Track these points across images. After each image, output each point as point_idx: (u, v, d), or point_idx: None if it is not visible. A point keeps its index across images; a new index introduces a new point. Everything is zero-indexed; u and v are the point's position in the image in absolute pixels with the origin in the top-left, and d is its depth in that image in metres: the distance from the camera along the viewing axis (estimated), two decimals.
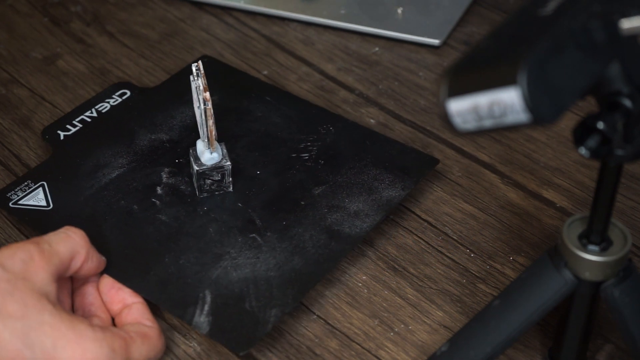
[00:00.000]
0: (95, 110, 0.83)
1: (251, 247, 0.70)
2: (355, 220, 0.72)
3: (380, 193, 0.74)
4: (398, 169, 0.76)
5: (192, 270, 0.69)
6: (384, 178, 0.75)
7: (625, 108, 0.49)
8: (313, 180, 0.76)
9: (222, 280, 0.68)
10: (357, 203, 0.73)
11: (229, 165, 0.73)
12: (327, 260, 0.69)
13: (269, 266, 0.69)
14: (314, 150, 0.78)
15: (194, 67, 0.72)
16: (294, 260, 0.69)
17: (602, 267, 0.57)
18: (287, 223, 0.72)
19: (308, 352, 0.67)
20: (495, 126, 0.47)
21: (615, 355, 0.67)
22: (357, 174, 0.76)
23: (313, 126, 0.80)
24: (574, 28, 0.47)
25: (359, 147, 0.78)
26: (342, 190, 0.75)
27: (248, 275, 0.68)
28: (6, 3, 1.00)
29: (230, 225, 0.72)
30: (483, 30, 0.96)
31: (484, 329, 0.60)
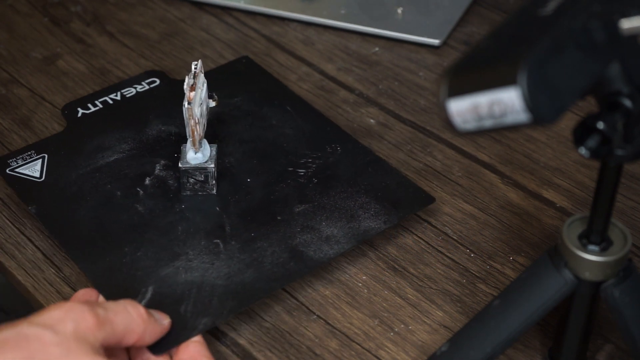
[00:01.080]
0: (121, 93, 0.84)
1: (210, 253, 0.70)
2: (323, 244, 0.70)
3: (360, 222, 0.72)
4: (388, 201, 0.74)
5: (144, 264, 0.69)
6: (370, 208, 0.73)
7: (625, 108, 0.49)
8: (299, 197, 0.74)
9: (169, 279, 0.68)
10: (333, 228, 0.71)
11: (213, 168, 0.73)
12: (279, 278, 0.68)
13: (219, 274, 0.68)
14: (312, 167, 0.76)
15: (193, 64, 0.72)
16: (246, 273, 0.68)
17: (602, 267, 0.57)
18: (256, 235, 0.71)
19: (308, 352, 0.67)
20: (495, 126, 0.47)
21: (615, 355, 0.67)
22: (344, 199, 0.74)
23: (321, 143, 0.79)
24: (574, 28, 0.47)
25: (358, 172, 0.76)
26: (323, 212, 0.73)
27: (196, 279, 0.68)
28: (6, 3, 1.00)
29: (200, 227, 0.72)
30: (483, 30, 0.96)
31: (484, 329, 0.60)
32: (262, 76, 0.87)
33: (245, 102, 0.83)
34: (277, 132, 0.80)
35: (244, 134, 0.80)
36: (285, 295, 0.71)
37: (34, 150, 0.78)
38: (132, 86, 0.85)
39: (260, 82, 0.86)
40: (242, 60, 0.88)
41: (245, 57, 0.89)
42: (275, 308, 0.70)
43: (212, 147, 0.74)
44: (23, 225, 0.76)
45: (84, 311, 0.56)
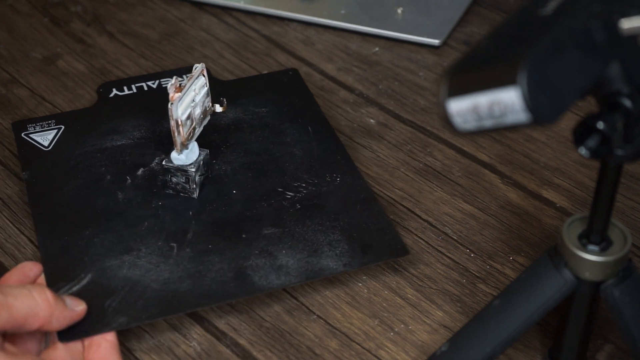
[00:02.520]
0: (159, 82, 0.84)
1: (161, 255, 0.70)
2: (272, 273, 0.68)
3: (320, 259, 0.69)
4: (359, 245, 0.70)
5: (95, 251, 0.70)
6: (338, 246, 0.70)
7: (625, 108, 0.49)
8: (273, 219, 0.72)
9: (110, 271, 0.68)
10: (290, 259, 0.69)
11: (193, 172, 0.73)
12: (211, 296, 0.67)
13: (158, 278, 0.68)
14: (302, 193, 0.74)
15: (194, 67, 0.72)
16: (183, 283, 0.67)
17: (602, 267, 0.57)
18: (212, 248, 0.70)
19: (308, 352, 0.67)
20: (495, 126, 0.47)
21: (615, 355, 0.67)
22: (317, 232, 0.71)
23: (324, 170, 0.76)
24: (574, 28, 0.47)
25: (344, 208, 0.73)
26: (289, 240, 0.71)
27: (135, 277, 0.68)
28: (6, 3, 1.00)
29: (165, 227, 0.72)
30: (483, 30, 0.96)
31: (484, 329, 0.60)
32: (300, 91, 0.85)
33: (271, 114, 0.82)
34: (286, 150, 0.78)
35: (252, 144, 0.79)
36: (285, 295, 0.71)
37: (54, 121, 0.81)
38: (173, 76, 0.85)
39: (295, 96, 0.84)
40: (289, 72, 0.87)
41: (293, 70, 0.87)
42: (275, 308, 0.70)
43: (203, 152, 0.74)
44: (23, 225, 0.76)
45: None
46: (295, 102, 0.83)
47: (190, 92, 0.72)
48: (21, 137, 0.79)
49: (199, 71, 0.73)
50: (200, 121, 0.74)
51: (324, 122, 0.81)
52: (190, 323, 0.69)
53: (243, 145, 0.79)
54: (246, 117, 0.81)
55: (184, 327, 0.68)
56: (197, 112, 0.73)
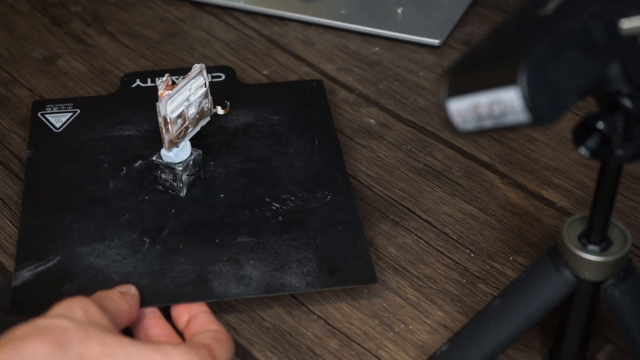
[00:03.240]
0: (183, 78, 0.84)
1: (131, 248, 0.70)
2: (233, 282, 0.68)
3: (284, 275, 0.68)
4: (329, 266, 0.69)
5: (69, 235, 0.71)
6: (306, 265, 0.69)
7: (625, 108, 0.49)
8: (251, 228, 0.72)
9: (79, 257, 0.69)
10: (255, 270, 0.68)
11: (180, 170, 0.73)
12: (165, 296, 0.67)
13: (121, 270, 0.68)
14: (288, 206, 0.73)
15: (193, 67, 0.72)
16: (143, 279, 0.68)
17: (602, 267, 0.57)
18: (182, 248, 0.70)
19: (308, 352, 0.67)
20: (495, 126, 0.47)
21: (615, 355, 0.67)
22: (290, 247, 0.70)
23: (317, 186, 0.75)
24: (574, 28, 0.47)
25: (325, 227, 0.72)
26: (260, 251, 0.70)
27: (99, 266, 0.69)
28: (6, 3, 1.00)
29: (144, 221, 0.72)
30: (483, 30, 0.96)
31: (484, 329, 0.60)
32: (318, 103, 0.84)
33: (282, 122, 0.81)
34: (285, 161, 0.77)
35: (254, 151, 0.78)
36: (285, 295, 0.71)
37: (72, 104, 0.82)
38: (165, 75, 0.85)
39: (311, 108, 0.83)
40: (313, 83, 0.86)
41: (318, 81, 0.86)
42: (275, 308, 0.70)
43: (195, 152, 0.74)
44: None
45: (86, 300, 0.59)
46: (311, 113, 0.82)
47: (185, 91, 0.72)
48: (37, 116, 0.82)
49: (196, 71, 0.73)
50: (195, 121, 0.73)
51: (333, 137, 0.80)
52: None
53: (245, 151, 0.78)
54: (257, 122, 0.81)
55: None
56: (191, 111, 0.73)
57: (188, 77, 0.72)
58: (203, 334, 0.63)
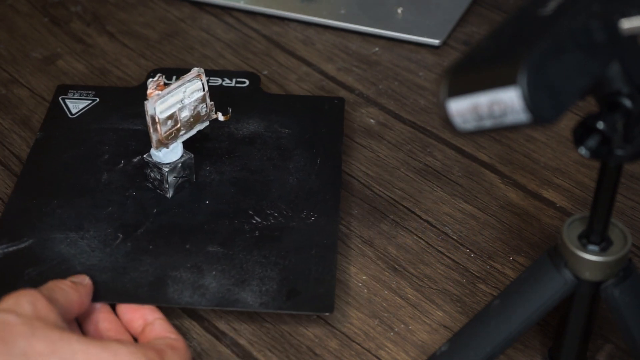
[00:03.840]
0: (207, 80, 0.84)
1: (103, 241, 0.71)
2: (188, 290, 0.67)
3: (241, 291, 0.67)
4: (289, 289, 0.67)
5: (49, 221, 0.72)
6: (266, 284, 0.68)
7: (625, 108, 0.49)
8: (224, 239, 0.71)
9: (50, 243, 0.70)
10: (214, 282, 0.68)
11: (166, 171, 0.73)
12: (119, 294, 0.67)
13: (86, 262, 0.69)
14: (269, 221, 0.72)
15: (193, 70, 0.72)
16: (104, 274, 0.68)
17: (602, 267, 0.57)
18: (152, 249, 0.70)
19: (308, 352, 0.67)
20: (495, 126, 0.47)
21: (615, 355, 0.67)
22: (257, 263, 0.69)
23: (304, 205, 0.74)
24: (574, 28, 0.47)
25: (299, 248, 0.70)
26: (225, 264, 0.69)
27: (67, 255, 0.69)
28: (6, 3, 1.00)
29: (124, 217, 0.73)
30: (483, 30, 0.96)
31: (484, 329, 0.60)
32: (333, 122, 0.81)
33: (290, 136, 0.80)
34: (281, 176, 0.76)
35: (253, 162, 0.77)
36: None
37: (94, 92, 0.83)
38: (223, 78, 0.85)
39: (325, 126, 0.81)
40: (334, 100, 0.84)
41: (340, 99, 0.84)
42: None
43: (186, 155, 0.74)
44: None
45: (34, 294, 0.58)
46: (322, 131, 0.81)
47: (178, 93, 0.71)
48: (57, 99, 0.83)
49: (193, 75, 0.72)
50: (189, 124, 0.73)
51: (337, 157, 0.78)
52: (190, 323, 0.69)
53: (244, 160, 0.78)
54: (266, 133, 0.80)
55: (184, 327, 0.68)
56: (184, 114, 0.72)
57: (183, 79, 0.72)
58: (159, 340, 0.62)
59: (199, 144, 0.78)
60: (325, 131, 0.81)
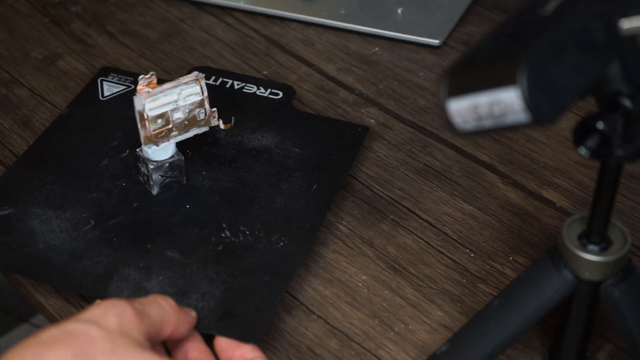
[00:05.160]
0: (244, 86, 0.84)
1: (73, 224, 0.71)
2: (128, 290, 0.67)
3: (178, 301, 0.64)
4: (224, 310, 0.66)
5: (36, 195, 0.74)
6: (205, 301, 0.66)
7: (625, 108, 0.49)
8: (186, 247, 0.70)
9: (27, 215, 0.72)
10: (156, 286, 0.67)
11: (151, 169, 0.73)
12: (66, 279, 0.68)
13: (50, 241, 0.70)
14: (238, 239, 0.71)
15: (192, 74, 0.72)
16: (60, 257, 0.69)
17: (601, 267, 0.57)
18: (115, 241, 0.70)
19: (308, 352, 0.67)
20: (495, 126, 0.47)
21: (615, 355, 0.67)
22: (206, 278, 0.68)
23: (278, 229, 0.71)
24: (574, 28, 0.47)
25: (254, 271, 0.68)
26: (175, 271, 0.68)
27: (36, 231, 0.71)
28: (6, 3, 1.00)
29: (104, 204, 0.73)
30: (483, 30, 0.96)
31: (484, 329, 0.60)
32: (348, 150, 0.78)
33: (297, 157, 0.78)
34: (270, 195, 0.74)
35: (249, 176, 0.76)
36: (285, 295, 0.71)
37: (132, 79, 0.84)
38: (259, 86, 0.84)
39: (338, 153, 0.78)
40: (358, 129, 0.81)
41: (364, 128, 0.81)
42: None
43: (177, 156, 0.74)
44: None
45: (124, 306, 0.57)
46: (332, 157, 0.78)
47: (172, 94, 0.71)
48: (96, 80, 0.85)
49: (189, 78, 0.72)
50: (183, 127, 0.73)
51: (333, 188, 0.75)
52: None
53: (242, 172, 0.76)
54: (275, 149, 0.78)
55: None
56: (177, 116, 0.72)
57: (178, 81, 0.72)
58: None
59: (206, 148, 0.78)
60: (335, 158, 0.78)
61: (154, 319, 0.59)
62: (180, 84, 0.72)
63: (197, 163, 0.77)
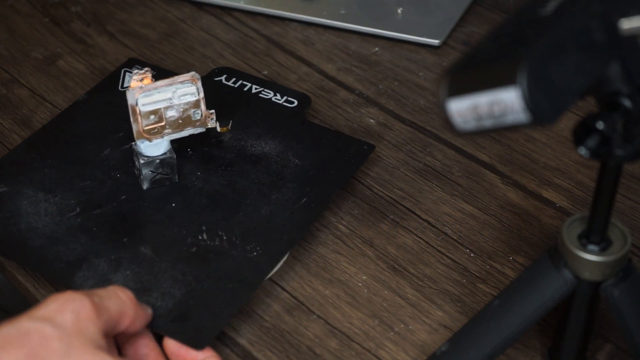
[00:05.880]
0: (262, 91, 0.83)
1: (59, 209, 0.72)
2: (93, 280, 0.67)
3: (138, 297, 0.64)
4: (179, 313, 0.65)
5: (33, 177, 0.75)
6: (164, 300, 0.66)
7: (625, 108, 0.49)
8: (160, 245, 0.70)
9: (18, 196, 0.73)
10: (120, 280, 0.67)
11: (141, 163, 0.73)
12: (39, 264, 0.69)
13: (32, 223, 0.71)
14: (213, 243, 0.70)
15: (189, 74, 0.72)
16: (38, 240, 0.70)
17: (601, 267, 0.57)
18: (95, 231, 0.71)
19: (308, 352, 0.67)
20: (495, 126, 0.47)
21: (615, 355, 0.67)
22: (171, 278, 0.67)
23: (256, 239, 0.71)
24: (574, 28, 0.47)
25: (221, 277, 0.68)
26: (144, 268, 0.68)
27: (22, 211, 0.72)
28: (6, 3, 1.00)
29: (94, 193, 0.74)
30: (483, 30, 0.96)
31: (484, 329, 0.60)
32: (348, 167, 0.77)
33: (295, 169, 0.76)
34: (256, 203, 0.73)
35: (242, 182, 0.75)
36: (285, 295, 0.71)
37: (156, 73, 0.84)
38: (276, 93, 0.83)
39: (337, 168, 0.76)
40: (364, 146, 0.79)
41: (370, 146, 0.79)
42: (275, 308, 0.70)
43: (169, 154, 0.73)
44: None
45: (82, 300, 0.56)
46: (330, 172, 0.76)
47: (166, 91, 0.71)
48: (119, 71, 0.86)
49: (186, 78, 0.72)
50: (177, 125, 0.73)
51: (322, 203, 0.74)
52: None
53: (235, 177, 0.76)
54: (275, 157, 0.77)
55: None
56: (170, 114, 0.72)
57: (173, 79, 0.72)
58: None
59: (207, 148, 0.78)
60: (332, 173, 0.76)
61: (112, 313, 0.59)
62: (175, 83, 0.72)
63: (194, 162, 0.77)
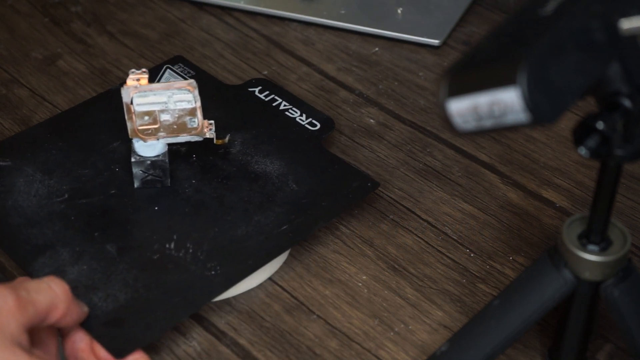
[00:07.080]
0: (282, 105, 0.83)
1: (49, 193, 0.73)
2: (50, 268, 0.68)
3: (82, 294, 0.66)
4: (116, 317, 0.65)
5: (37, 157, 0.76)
6: (106, 303, 0.66)
7: (624, 108, 0.49)
8: (126, 246, 0.70)
9: (18, 171, 0.74)
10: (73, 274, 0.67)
11: (133, 162, 0.73)
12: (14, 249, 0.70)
13: (21, 202, 0.72)
14: (178, 255, 0.69)
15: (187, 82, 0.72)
16: (16, 219, 0.71)
17: (601, 267, 0.57)
18: (74, 220, 0.71)
19: (308, 352, 0.67)
20: (495, 126, 0.47)
21: (615, 355, 0.67)
22: (120, 281, 0.67)
23: (220, 258, 0.69)
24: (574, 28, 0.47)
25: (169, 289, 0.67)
26: (101, 265, 0.68)
27: (16, 189, 0.73)
28: (6, 3, 1.00)
29: (87, 183, 0.74)
30: (483, 30, 0.96)
31: (484, 329, 0.60)
32: (342, 200, 0.74)
33: (290, 194, 0.74)
34: (237, 222, 0.72)
35: (233, 198, 0.74)
36: (285, 295, 0.71)
37: (195, 74, 0.85)
38: (303, 113, 0.81)
39: (331, 200, 0.74)
40: (368, 183, 0.75)
41: (374, 184, 0.76)
42: (275, 308, 0.70)
43: (162, 157, 0.73)
44: None
45: (6, 295, 0.56)
46: (323, 205, 0.73)
47: (162, 94, 0.71)
48: (162, 66, 0.86)
49: (183, 84, 0.72)
50: (171, 130, 0.72)
51: (303, 234, 0.72)
52: (191, 323, 0.69)
53: (227, 191, 0.74)
54: (274, 179, 0.75)
55: (184, 326, 0.69)
56: (165, 118, 0.72)
57: (170, 84, 0.72)
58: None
59: (212, 158, 0.77)
60: (324, 205, 0.73)
61: (38, 307, 0.58)
62: (172, 88, 0.72)
63: (194, 169, 0.76)
